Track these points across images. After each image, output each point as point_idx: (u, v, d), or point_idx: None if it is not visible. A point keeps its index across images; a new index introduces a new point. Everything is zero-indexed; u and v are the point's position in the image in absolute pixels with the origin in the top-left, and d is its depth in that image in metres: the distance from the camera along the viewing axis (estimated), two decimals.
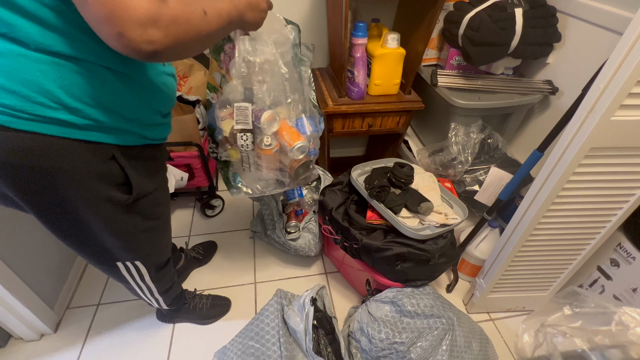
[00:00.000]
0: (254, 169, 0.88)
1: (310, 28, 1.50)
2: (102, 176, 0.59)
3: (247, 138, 0.80)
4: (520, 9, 1.14)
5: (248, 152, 0.84)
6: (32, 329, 1.12)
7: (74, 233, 0.67)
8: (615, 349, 0.89)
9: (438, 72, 1.37)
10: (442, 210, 1.11)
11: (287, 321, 0.97)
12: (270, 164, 0.87)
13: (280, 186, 0.94)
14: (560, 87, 1.27)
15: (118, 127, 0.57)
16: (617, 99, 0.71)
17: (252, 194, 0.93)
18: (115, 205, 0.64)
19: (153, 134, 0.66)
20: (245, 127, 0.79)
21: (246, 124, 0.79)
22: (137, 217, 0.70)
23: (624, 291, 1.08)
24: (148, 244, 0.79)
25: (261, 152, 0.84)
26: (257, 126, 0.80)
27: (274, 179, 0.91)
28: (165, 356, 1.13)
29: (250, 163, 0.87)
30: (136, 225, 0.72)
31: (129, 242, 0.73)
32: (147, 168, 0.68)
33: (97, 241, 0.70)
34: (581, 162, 0.82)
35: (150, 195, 0.70)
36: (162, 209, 0.79)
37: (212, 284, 1.34)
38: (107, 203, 0.62)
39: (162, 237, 0.85)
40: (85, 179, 0.57)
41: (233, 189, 0.93)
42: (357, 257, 1.13)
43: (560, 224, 0.98)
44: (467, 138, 1.30)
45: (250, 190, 0.92)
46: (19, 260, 1.05)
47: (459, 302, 1.33)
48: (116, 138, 0.58)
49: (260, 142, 0.82)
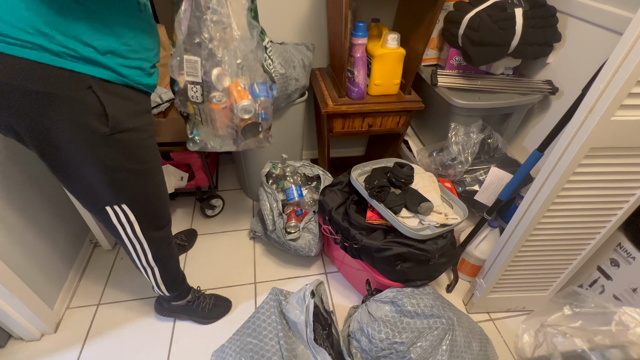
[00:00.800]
0: (206, 123, 0.92)
1: (310, 28, 1.50)
2: (80, 103, 0.64)
3: (196, 90, 0.84)
4: (520, 9, 1.14)
5: (198, 105, 0.87)
6: (32, 329, 1.12)
7: (62, 164, 0.71)
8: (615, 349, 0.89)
9: (438, 72, 1.37)
10: (442, 210, 1.11)
11: (286, 314, 0.97)
12: (221, 119, 0.90)
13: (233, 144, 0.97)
14: (560, 87, 1.27)
15: (93, 59, 0.62)
16: (617, 99, 0.71)
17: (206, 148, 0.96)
18: (95, 134, 0.67)
19: (132, 74, 0.69)
20: (194, 80, 0.83)
21: (195, 76, 0.83)
22: (118, 152, 0.73)
23: (624, 291, 1.08)
24: (135, 187, 0.81)
25: (212, 107, 0.88)
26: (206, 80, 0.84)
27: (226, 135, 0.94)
28: (165, 356, 1.13)
29: (202, 117, 0.91)
30: (119, 162, 0.74)
31: (114, 178, 0.75)
32: (127, 107, 0.71)
33: (83, 174, 0.73)
34: (581, 162, 0.82)
35: (131, 133, 0.72)
36: (149, 154, 0.80)
37: (213, 283, 1.34)
38: (87, 130, 0.66)
39: (152, 187, 0.85)
40: (64, 104, 0.62)
41: (190, 142, 0.97)
42: (357, 257, 1.13)
43: (560, 224, 0.98)
44: (467, 138, 1.30)
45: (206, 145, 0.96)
46: (19, 260, 1.05)
47: (459, 302, 1.33)
48: (92, 69, 0.62)
49: (212, 97, 0.86)
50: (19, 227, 1.06)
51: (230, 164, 1.96)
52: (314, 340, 0.91)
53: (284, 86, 1.28)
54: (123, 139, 0.72)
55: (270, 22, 1.45)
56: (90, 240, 1.45)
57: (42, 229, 1.16)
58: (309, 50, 1.42)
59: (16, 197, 1.06)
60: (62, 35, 0.58)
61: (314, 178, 1.48)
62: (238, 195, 1.78)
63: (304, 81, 1.38)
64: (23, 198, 1.09)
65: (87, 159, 0.70)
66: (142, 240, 0.90)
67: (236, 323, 1.08)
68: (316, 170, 1.45)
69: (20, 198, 1.08)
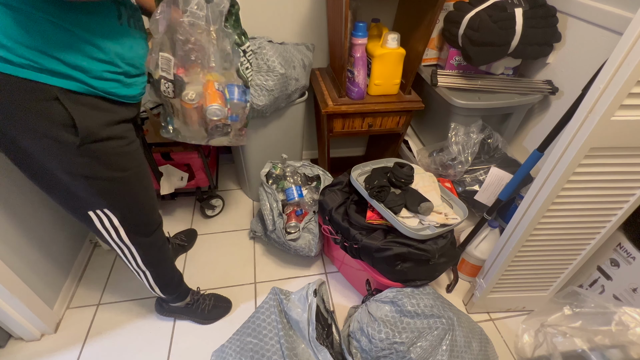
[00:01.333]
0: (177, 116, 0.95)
1: (310, 28, 1.50)
2: (44, 114, 0.62)
3: (168, 86, 0.86)
4: (520, 9, 1.14)
5: (168, 99, 0.90)
6: (32, 329, 1.12)
7: (36, 172, 0.70)
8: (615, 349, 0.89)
9: (438, 72, 1.37)
10: (442, 210, 1.11)
11: (288, 313, 0.98)
12: (191, 116, 0.93)
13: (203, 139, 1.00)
14: (560, 87, 1.27)
15: (59, 71, 0.60)
16: (617, 99, 0.71)
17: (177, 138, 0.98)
18: (64, 145, 0.66)
19: (105, 86, 0.67)
20: (167, 77, 0.85)
21: (168, 73, 0.85)
22: (93, 162, 0.71)
23: (624, 291, 1.08)
24: (116, 194, 0.79)
25: (183, 105, 0.90)
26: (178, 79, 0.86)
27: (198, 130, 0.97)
28: (165, 356, 1.13)
29: (174, 110, 0.93)
30: (95, 171, 0.72)
31: (92, 185, 0.74)
32: (101, 118, 0.69)
33: (61, 183, 0.72)
34: (581, 162, 0.82)
35: (107, 142, 0.70)
36: (130, 161, 0.78)
37: (213, 284, 1.34)
38: (54, 141, 0.65)
39: (136, 193, 0.83)
40: (27, 115, 0.61)
41: (162, 130, 0.98)
42: (357, 257, 1.13)
43: (560, 224, 0.98)
44: (467, 138, 1.30)
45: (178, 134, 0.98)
46: (19, 260, 1.05)
47: (459, 302, 1.33)
48: (57, 81, 0.61)
49: (184, 95, 0.87)
50: (19, 227, 1.06)
51: (230, 164, 1.96)
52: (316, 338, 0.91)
53: (283, 86, 1.28)
54: (98, 149, 0.70)
55: (270, 22, 1.45)
56: (90, 241, 1.45)
57: (42, 229, 1.16)
58: (309, 50, 1.42)
59: (16, 197, 1.06)
60: (23, 47, 0.57)
61: (314, 178, 1.48)
62: (238, 195, 1.78)
63: (304, 81, 1.38)
64: (22, 199, 1.09)
65: (60, 168, 0.69)
66: (130, 245, 0.89)
67: (236, 323, 1.08)
68: (316, 170, 1.45)
69: (20, 198, 1.08)
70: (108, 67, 0.67)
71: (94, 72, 0.65)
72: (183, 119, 0.94)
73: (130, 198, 0.82)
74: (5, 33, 0.55)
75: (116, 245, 0.88)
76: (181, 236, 1.47)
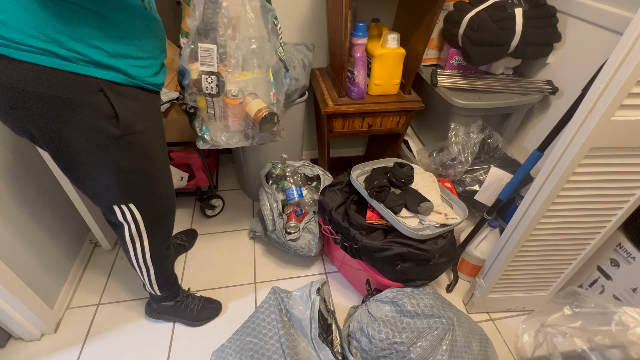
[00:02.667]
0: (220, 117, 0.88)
1: (310, 28, 1.50)
2: (91, 107, 0.64)
3: (211, 81, 0.80)
4: (520, 9, 1.14)
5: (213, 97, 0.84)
6: (32, 329, 1.12)
7: (74, 165, 0.72)
8: (615, 349, 0.89)
9: (438, 72, 1.37)
10: (442, 210, 1.11)
11: (289, 310, 0.98)
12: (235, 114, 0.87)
13: (245, 139, 0.94)
14: (560, 87, 1.27)
15: (103, 62, 0.63)
16: (617, 99, 0.71)
17: (219, 145, 0.93)
18: (107, 137, 0.68)
19: (141, 74, 0.70)
20: (210, 70, 0.79)
21: (211, 66, 0.79)
22: (129, 154, 0.74)
23: (624, 291, 1.08)
24: (144, 187, 0.82)
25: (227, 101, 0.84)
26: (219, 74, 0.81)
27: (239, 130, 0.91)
28: (165, 356, 1.13)
29: (216, 110, 0.87)
30: (130, 163, 0.75)
31: (124, 179, 0.77)
32: (137, 109, 0.72)
33: (94, 175, 0.74)
34: (581, 162, 0.82)
35: (141, 134, 0.73)
36: (158, 155, 0.82)
37: (213, 283, 1.34)
38: (98, 133, 0.67)
39: (160, 185, 0.86)
40: (76, 108, 0.63)
41: (200, 140, 0.93)
42: (357, 257, 1.13)
43: (560, 224, 0.98)
44: (467, 138, 1.30)
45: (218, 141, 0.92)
46: (19, 260, 1.05)
47: (459, 302, 1.33)
48: (102, 73, 0.63)
49: (227, 91, 0.83)
50: (19, 227, 1.06)
51: (230, 164, 1.96)
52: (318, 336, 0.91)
53: None
54: (134, 141, 0.73)
55: None
56: (90, 240, 1.45)
57: (42, 229, 1.16)
58: (309, 50, 1.42)
59: (16, 198, 1.06)
60: (71, 40, 0.59)
61: (314, 178, 1.48)
62: (238, 195, 1.78)
63: (304, 81, 1.38)
64: (23, 199, 1.09)
65: (99, 161, 0.71)
66: (144, 237, 0.90)
67: (236, 323, 1.08)
68: (316, 170, 1.45)
69: (20, 199, 1.08)
70: (142, 54, 0.70)
71: (132, 61, 0.68)
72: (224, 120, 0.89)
73: (155, 190, 0.85)
74: (52, 26, 0.57)
75: (130, 238, 0.89)
76: (181, 236, 1.47)
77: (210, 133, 0.92)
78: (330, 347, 0.96)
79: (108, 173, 0.74)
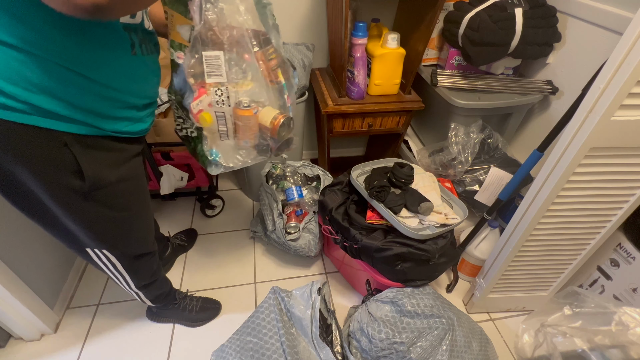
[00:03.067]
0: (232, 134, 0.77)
1: (310, 28, 1.50)
2: (54, 162, 0.59)
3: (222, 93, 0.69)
4: (520, 9, 1.14)
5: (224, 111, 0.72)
6: (32, 329, 1.12)
7: (37, 215, 0.68)
8: (615, 349, 0.89)
9: (438, 72, 1.37)
10: (442, 210, 1.11)
11: (290, 309, 0.98)
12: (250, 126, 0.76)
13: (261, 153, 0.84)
14: (560, 87, 1.27)
15: (68, 116, 0.57)
16: (617, 99, 0.71)
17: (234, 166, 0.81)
18: (72, 192, 0.63)
19: (117, 127, 0.64)
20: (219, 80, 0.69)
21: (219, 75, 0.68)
22: (98, 206, 0.69)
23: (624, 291, 1.08)
24: (116, 234, 0.78)
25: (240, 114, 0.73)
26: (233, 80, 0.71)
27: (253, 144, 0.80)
28: (165, 356, 1.13)
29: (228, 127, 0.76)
30: (99, 214, 0.70)
31: (93, 229, 0.72)
32: (108, 159, 0.66)
33: (62, 225, 0.70)
34: (581, 162, 0.82)
35: (113, 186, 0.68)
36: (131, 201, 0.76)
37: (212, 283, 1.34)
38: (63, 189, 0.62)
39: (134, 230, 0.82)
40: (37, 164, 0.58)
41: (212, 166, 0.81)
42: (357, 257, 1.13)
43: (560, 224, 0.98)
44: (467, 138, 1.30)
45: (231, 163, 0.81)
46: (19, 260, 1.05)
47: (459, 302, 1.33)
48: (67, 126, 0.57)
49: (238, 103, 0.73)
50: (19, 228, 1.06)
51: None
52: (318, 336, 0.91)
53: None
54: (105, 194, 0.68)
55: None
56: None
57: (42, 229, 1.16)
58: (309, 50, 1.42)
59: None
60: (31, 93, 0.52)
61: (314, 178, 1.48)
62: (238, 195, 1.78)
63: (304, 81, 1.38)
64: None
65: (64, 214, 0.67)
66: (125, 274, 0.89)
67: (236, 323, 1.08)
68: (316, 170, 1.45)
69: None
70: (120, 105, 0.64)
71: (105, 113, 0.61)
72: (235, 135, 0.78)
73: (129, 235, 0.82)
74: (8, 78, 0.51)
75: (111, 274, 0.89)
76: (181, 236, 1.47)
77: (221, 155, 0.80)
78: (331, 347, 0.96)
79: (76, 225, 0.70)
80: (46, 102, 0.54)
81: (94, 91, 0.58)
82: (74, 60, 0.54)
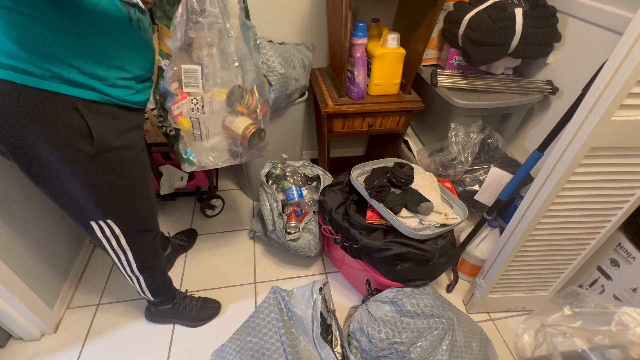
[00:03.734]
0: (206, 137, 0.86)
1: (310, 28, 1.50)
2: (64, 124, 0.63)
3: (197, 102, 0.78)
4: (520, 9, 1.14)
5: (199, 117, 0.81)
6: (32, 329, 1.12)
7: (45, 180, 0.71)
8: (615, 349, 0.89)
9: (438, 72, 1.37)
10: (442, 210, 1.11)
11: (291, 309, 0.98)
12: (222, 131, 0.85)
13: (233, 157, 0.92)
14: (560, 87, 1.27)
15: (77, 81, 0.62)
16: (617, 99, 0.71)
17: (206, 166, 0.91)
18: (81, 155, 0.67)
19: (120, 94, 0.69)
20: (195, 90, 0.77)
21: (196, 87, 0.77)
22: (106, 171, 0.72)
23: (624, 291, 1.08)
24: (122, 203, 0.80)
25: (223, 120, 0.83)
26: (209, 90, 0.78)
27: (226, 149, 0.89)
28: (165, 356, 1.13)
29: (202, 131, 0.85)
30: (106, 180, 0.74)
31: (100, 195, 0.75)
32: (114, 126, 0.70)
33: (69, 192, 0.73)
34: (581, 162, 0.82)
35: (118, 151, 0.72)
36: (138, 170, 0.80)
37: (212, 283, 1.34)
38: (71, 151, 0.66)
39: (138, 201, 0.84)
40: (48, 125, 0.62)
41: (185, 163, 0.91)
42: (357, 257, 1.13)
43: (560, 224, 0.98)
44: (467, 138, 1.30)
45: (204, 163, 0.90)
46: (19, 260, 1.05)
47: (459, 302, 1.33)
48: (77, 91, 0.62)
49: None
50: (20, 228, 1.06)
51: None
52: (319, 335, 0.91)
53: (284, 86, 1.28)
54: (110, 158, 0.71)
55: (270, 22, 1.45)
56: (90, 241, 1.45)
57: (42, 230, 1.16)
58: (309, 50, 1.42)
59: (16, 198, 1.06)
60: (44, 58, 0.58)
61: (314, 178, 1.48)
62: (238, 195, 1.78)
63: (304, 81, 1.38)
64: (23, 200, 1.09)
65: (72, 177, 0.70)
66: (127, 251, 0.90)
67: (236, 323, 1.08)
68: (316, 170, 1.45)
69: (20, 200, 1.08)
70: (122, 74, 0.68)
71: (110, 80, 0.66)
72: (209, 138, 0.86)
73: (134, 206, 0.84)
74: (21, 43, 0.56)
75: (113, 252, 0.89)
76: (181, 236, 1.47)
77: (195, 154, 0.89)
78: (331, 347, 0.96)
79: (82, 189, 0.72)
80: (59, 68, 0.60)
81: (99, 57, 0.64)
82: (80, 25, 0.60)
